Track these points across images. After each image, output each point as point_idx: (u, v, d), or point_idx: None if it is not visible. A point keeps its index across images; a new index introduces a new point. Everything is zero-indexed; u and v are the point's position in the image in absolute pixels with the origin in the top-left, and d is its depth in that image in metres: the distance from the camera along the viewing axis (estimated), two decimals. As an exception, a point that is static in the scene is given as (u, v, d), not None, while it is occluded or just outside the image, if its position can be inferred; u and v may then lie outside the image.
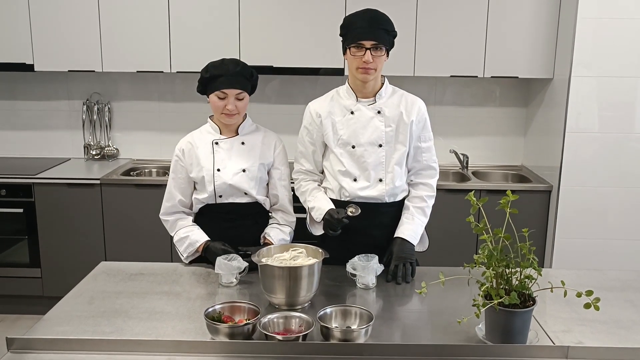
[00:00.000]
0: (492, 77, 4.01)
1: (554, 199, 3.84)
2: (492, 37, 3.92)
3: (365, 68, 2.33)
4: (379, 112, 2.43)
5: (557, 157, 3.80)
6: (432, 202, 2.53)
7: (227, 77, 2.37)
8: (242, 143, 2.51)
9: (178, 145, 2.54)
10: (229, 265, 2.25)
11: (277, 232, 2.51)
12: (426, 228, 2.53)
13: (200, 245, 2.44)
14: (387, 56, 2.39)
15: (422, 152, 2.50)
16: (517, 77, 4.02)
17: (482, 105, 4.42)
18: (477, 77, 3.99)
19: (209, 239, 2.45)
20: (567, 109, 3.69)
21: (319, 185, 2.57)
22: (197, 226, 2.51)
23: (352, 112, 2.44)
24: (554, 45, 3.91)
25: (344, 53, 2.41)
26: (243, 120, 2.52)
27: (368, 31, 2.30)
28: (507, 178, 4.32)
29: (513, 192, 1.78)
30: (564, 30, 3.80)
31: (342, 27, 2.39)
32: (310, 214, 2.50)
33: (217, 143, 2.49)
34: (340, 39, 2.41)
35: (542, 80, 4.05)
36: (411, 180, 2.54)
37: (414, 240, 2.43)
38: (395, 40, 2.40)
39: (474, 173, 4.28)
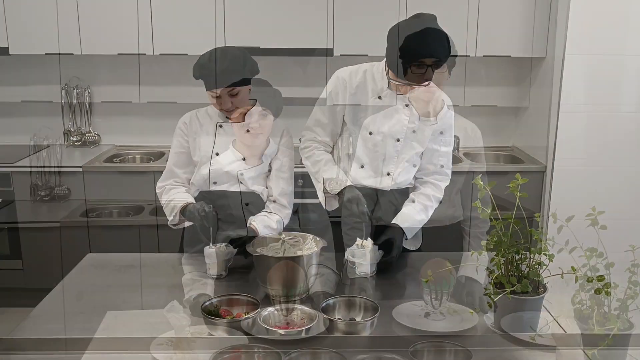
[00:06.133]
0: (484, 56, 3.94)
1: (547, 180, 3.80)
2: (484, 15, 3.84)
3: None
4: (407, 105, 2.33)
5: (550, 137, 3.75)
6: (436, 204, 2.44)
7: (212, 78, 2.23)
8: (247, 131, 2.38)
9: (181, 119, 2.42)
10: (219, 253, 2.13)
11: (263, 218, 2.35)
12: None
13: (180, 208, 2.29)
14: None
15: (440, 156, 2.42)
16: (509, 56, 3.95)
17: (473, 84, 4.35)
18: (469, 56, 3.91)
19: (191, 201, 2.31)
20: (560, 88, 3.63)
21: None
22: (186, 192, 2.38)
23: (379, 97, 2.33)
24: (547, 24, 3.84)
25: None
26: (253, 106, 2.39)
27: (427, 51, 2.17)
28: (499, 159, 4.27)
29: (506, 173, 1.72)
30: (557, 8, 3.73)
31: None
32: (324, 185, 2.38)
33: (221, 126, 2.38)
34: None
35: (535, 59, 3.99)
36: (421, 178, 2.45)
37: (409, 232, 2.32)
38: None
39: (465, 154, 4.22)
